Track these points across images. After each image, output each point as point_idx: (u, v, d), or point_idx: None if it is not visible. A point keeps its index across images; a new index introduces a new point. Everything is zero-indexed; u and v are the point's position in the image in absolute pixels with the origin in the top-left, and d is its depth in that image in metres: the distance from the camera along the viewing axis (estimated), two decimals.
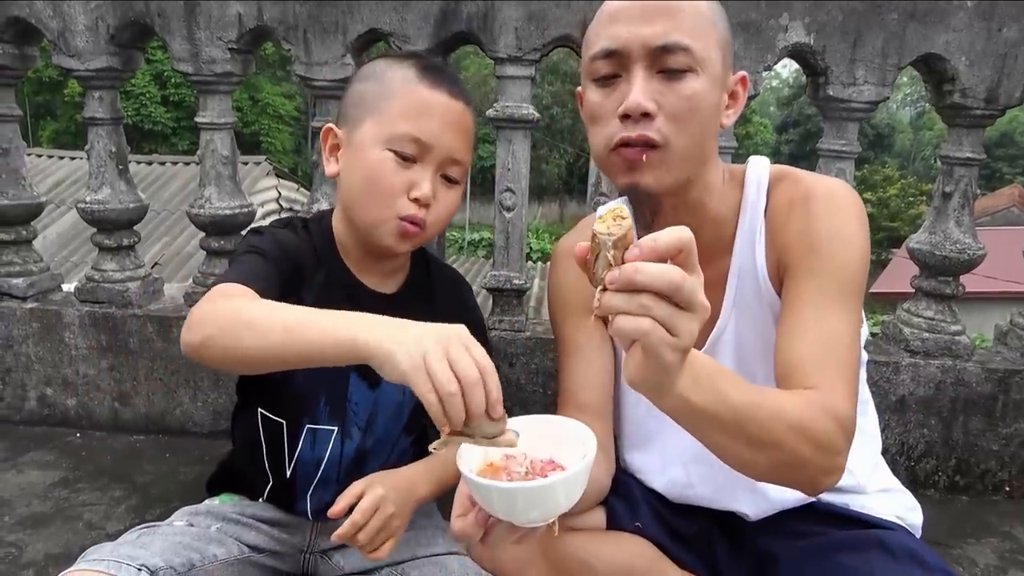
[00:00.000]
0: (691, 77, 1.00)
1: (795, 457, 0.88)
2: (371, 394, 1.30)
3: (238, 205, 2.22)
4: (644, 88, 1.00)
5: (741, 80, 1.10)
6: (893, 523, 1.16)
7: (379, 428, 1.32)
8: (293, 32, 2.03)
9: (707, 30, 1.01)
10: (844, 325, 1.00)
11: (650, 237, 0.70)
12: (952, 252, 2.04)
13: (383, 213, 1.17)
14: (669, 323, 0.70)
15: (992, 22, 1.88)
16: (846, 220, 1.05)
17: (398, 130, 1.15)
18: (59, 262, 8.02)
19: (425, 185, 1.16)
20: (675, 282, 0.69)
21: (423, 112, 1.16)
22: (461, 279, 1.48)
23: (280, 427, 1.30)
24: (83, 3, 2.06)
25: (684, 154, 1.02)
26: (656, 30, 0.99)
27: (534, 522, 0.80)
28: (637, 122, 1.00)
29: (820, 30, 1.91)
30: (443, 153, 1.17)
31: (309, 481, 1.31)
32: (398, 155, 1.15)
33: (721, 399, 0.83)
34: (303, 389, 1.27)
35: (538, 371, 2.14)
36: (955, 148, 2.03)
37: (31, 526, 1.77)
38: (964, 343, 2.08)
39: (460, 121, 1.19)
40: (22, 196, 2.30)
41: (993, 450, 2.09)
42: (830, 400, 0.92)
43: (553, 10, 1.93)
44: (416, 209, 1.17)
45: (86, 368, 2.28)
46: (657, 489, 1.26)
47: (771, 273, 1.11)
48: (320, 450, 1.30)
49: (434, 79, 1.18)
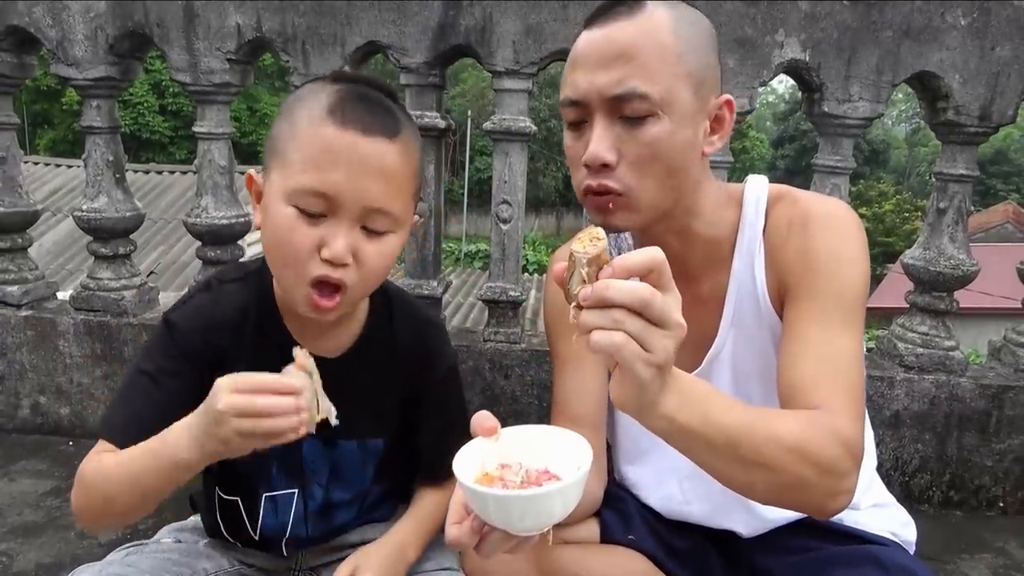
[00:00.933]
0: (651, 122, 0.97)
1: (795, 479, 0.87)
2: (327, 452, 1.21)
3: (234, 215, 2.23)
4: (602, 137, 0.98)
5: (726, 103, 1.05)
6: (887, 539, 1.16)
7: (345, 481, 1.24)
8: (292, 44, 2.04)
9: (670, 68, 0.97)
10: (848, 345, 1.00)
11: (622, 256, 0.73)
12: (946, 268, 2.05)
13: (292, 279, 1.00)
14: (641, 338, 0.72)
15: (985, 40, 1.90)
16: (846, 241, 1.04)
17: (299, 183, 0.96)
18: (55, 270, 8.01)
19: (337, 244, 0.96)
20: (644, 298, 0.71)
21: (326, 158, 0.95)
22: (428, 320, 1.30)
23: (236, 504, 1.22)
24: (83, 13, 2.07)
25: (650, 198, 1.02)
26: (612, 78, 0.96)
27: (528, 531, 0.80)
28: (598, 172, 1.00)
29: (815, 47, 1.93)
30: (357, 205, 0.97)
31: (278, 540, 1.25)
32: (301, 212, 0.96)
33: (710, 420, 0.83)
34: (250, 464, 1.11)
35: (533, 383, 2.14)
36: (949, 165, 2.05)
37: (23, 535, 1.76)
38: (958, 358, 2.09)
39: (378, 164, 0.98)
40: (18, 204, 2.29)
41: (987, 465, 2.09)
42: (836, 421, 0.91)
43: (550, 24, 1.95)
44: (330, 270, 0.97)
45: (80, 376, 2.27)
46: (651, 504, 1.26)
47: (772, 294, 1.10)
48: (283, 515, 1.22)
49: (345, 114, 0.97)
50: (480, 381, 2.15)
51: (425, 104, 2.08)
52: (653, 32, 0.97)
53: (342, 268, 0.98)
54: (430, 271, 2.21)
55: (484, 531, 0.82)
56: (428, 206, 2.16)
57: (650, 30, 0.97)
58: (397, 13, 1.98)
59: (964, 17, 1.89)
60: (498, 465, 0.85)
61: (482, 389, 2.16)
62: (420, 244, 2.19)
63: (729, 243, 1.13)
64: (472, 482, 0.79)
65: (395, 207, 1.01)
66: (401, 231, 1.06)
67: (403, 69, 2.04)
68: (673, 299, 0.74)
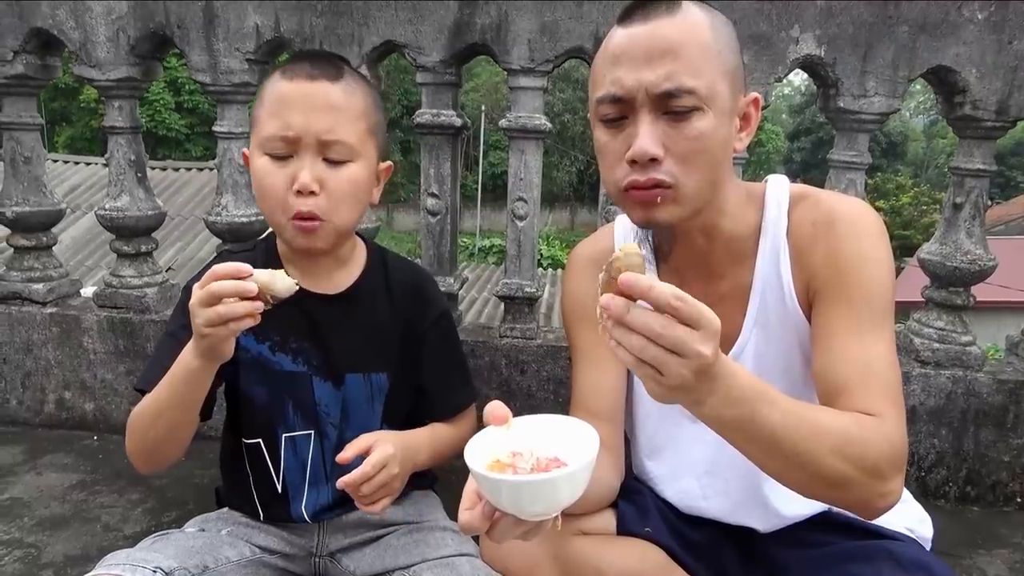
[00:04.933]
0: (697, 116, 0.99)
1: (838, 477, 0.90)
2: (337, 392, 1.33)
3: (254, 213, 2.26)
4: (650, 133, 0.99)
5: (754, 102, 1.08)
6: (903, 534, 1.17)
7: (355, 422, 1.35)
8: (310, 43, 2.06)
9: (712, 63, 0.99)
10: (883, 348, 1.02)
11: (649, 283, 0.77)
12: (963, 263, 2.04)
13: (279, 217, 1.19)
14: (657, 363, 0.78)
15: (1003, 35, 1.89)
16: (872, 243, 1.06)
17: (265, 132, 1.16)
18: (74, 266, 8.11)
19: (303, 175, 1.15)
20: (655, 331, 0.77)
21: (282, 106, 1.16)
22: (421, 273, 1.49)
23: (259, 446, 1.34)
24: (105, 14, 2.10)
25: (696, 190, 1.03)
26: (659, 74, 0.98)
27: (539, 515, 0.84)
28: (645, 167, 1.00)
29: (831, 42, 1.93)
30: (312, 139, 1.16)
31: (300, 488, 1.35)
32: (272, 157, 1.17)
33: (755, 418, 0.86)
34: (268, 403, 1.32)
35: (549, 378, 2.16)
36: (966, 159, 2.04)
37: (50, 528, 1.80)
38: (975, 353, 2.08)
39: (324, 100, 1.17)
40: (43, 203, 2.34)
41: (1004, 461, 2.09)
42: (886, 426, 0.95)
43: (565, 22, 1.96)
44: (304, 201, 1.16)
45: (104, 372, 2.32)
46: (668, 499, 1.28)
47: (800, 295, 1.11)
48: (302, 455, 1.34)
49: (292, 69, 1.18)
50: (496, 376, 2.17)
51: (442, 102, 2.10)
52: (695, 29, 1.00)
53: (312, 197, 1.17)
54: (447, 267, 2.23)
55: (495, 517, 0.85)
56: (445, 203, 2.18)
57: (692, 27, 1.00)
58: (413, 12, 2.00)
59: (981, 11, 1.88)
60: (510, 453, 0.88)
61: (498, 384, 2.18)
62: (437, 240, 2.21)
63: (750, 242, 1.15)
64: (484, 469, 0.82)
65: (348, 137, 1.18)
66: (361, 161, 1.22)
67: (419, 68, 2.06)
68: (701, 333, 0.78)
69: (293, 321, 1.29)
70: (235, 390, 1.34)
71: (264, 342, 1.30)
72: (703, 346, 0.77)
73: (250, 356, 1.30)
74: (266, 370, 1.31)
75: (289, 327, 1.30)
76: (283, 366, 1.31)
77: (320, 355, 1.32)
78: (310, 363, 1.32)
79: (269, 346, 1.30)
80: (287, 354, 1.31)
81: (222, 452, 1.46)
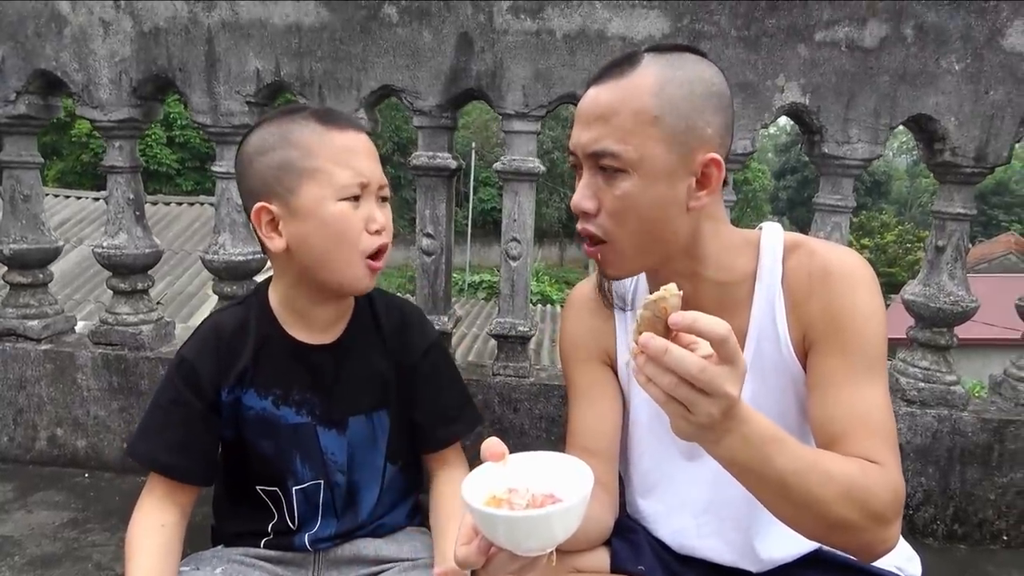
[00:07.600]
0: (622, 177, 1.04)
1: (844, 522, 0.93)
2: (341, 438, 1.36)
3: (251, 251, 2.28)
4: (586, 185, 1.09)
5: (712, 162, 1.06)
6: (893, 572, 1.19)
7: (360, 464, 1.38)
8: (309, 87, 2.11)
9: (644, 129, 1.02)
10: (879, 395, 1.06)
11: (694, 318, 0.82)
12: (946, 304, 2.09)
13: (353, 259, 1.24)
14: (687, 401, 0.82)
15: (979, 85, 1.96)
16: (867, 296, 1.10)
17: (340, 180, 1.21)
18: (63, 300, 8.03)
19: (379, 215, 1.25)
20: (692, 373, 0.80)
21: (349, 155, 1.22)
22: (406, 306, 1.51)
23: (276, 494, 1.37)
24: (108, 57, 2.15)
25: (632, 245, 1.09)
26: (591, 136, 1.06)
27: (534, 551, 0.86)
28: (584, 218, 1.10)
29: (815, 91, 2.00)
30: (376, 182, 1.25)
31: (311, 523, 1.38)
32: (351, 201, 1.22)
33: (768, 462, 0.90)
34: (276, 456, 1.34)
35: (542, 416, 2.18)
36: (947, 204, 2.10)
37: (41, 566, 1.79)
38: (959, 393, 2.12)
39: (371, 148, 1.28)
40: (40, 240, 2.36)
41: (990, 499, 2.12)
42: (889, 474, 0.99)
43: (559, 70, 2.02)
44: (380, 239, 1.26)
45: (97, 409, 2.32)
46: (662, 538, 1.30)
47: (795, 344, 1.14)
48: (313, 499, 1.37)
49: (335, 122, 1.25)
50: (489, 414, 2.19)
51: (438, 145, 2.15)
52: (633, 95, 1.04)
53: (382, 234, 1.26)
54: (441, 306, 2.26)
55: (491, 552, 0.88)
56: (440, 243, 2.21)
57: (630, 94, 1.04)
58: (411, 59, 2.06)
59: (958, 63, 1.95)
60: (506, 489, 0.91)
61: (491, 422, 2.19)
62: (432, 280, 2.24)
63: (744, 288, 1.18)
64: (481, 504, 0.85)
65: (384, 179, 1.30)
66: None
67: (416, 112, 2.11)
68: (731, 371, 0.81)
69: (294, 374, 1.33)
70: (242, 445, 1.35)
71: (267, 397, 1.32)
72: (732, 387, 0.81)
73: (254, 412, 1.32)
74: (271, 424, 1.33)
75: (291, 380, 1.33)
76: (288, 419, 1.33)
77: (323, 403, 1.34)
78: (313, 413, 1.34)
79: (272, 400, 1.32)
80: (291, 407, 1.33)
81: (217, 493, 1.46)
